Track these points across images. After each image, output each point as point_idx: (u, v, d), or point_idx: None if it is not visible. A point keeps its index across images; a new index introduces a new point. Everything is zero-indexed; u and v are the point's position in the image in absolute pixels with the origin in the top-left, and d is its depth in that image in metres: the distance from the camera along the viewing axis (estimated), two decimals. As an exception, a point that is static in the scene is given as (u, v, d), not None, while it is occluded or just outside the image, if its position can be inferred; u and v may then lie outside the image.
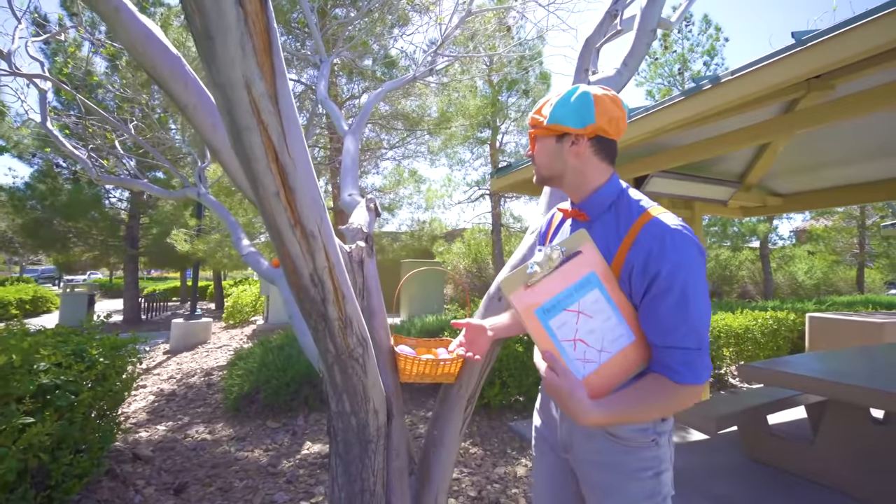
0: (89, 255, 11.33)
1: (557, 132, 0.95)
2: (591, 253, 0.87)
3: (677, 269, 0.82)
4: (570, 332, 0.86)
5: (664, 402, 0.86)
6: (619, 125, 0.94)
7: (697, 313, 0.83)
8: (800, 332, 5.88)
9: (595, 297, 0.86)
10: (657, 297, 0.84)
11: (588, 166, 0.96)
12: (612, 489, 0.98)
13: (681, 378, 0.84)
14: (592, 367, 0.87)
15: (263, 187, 0.82)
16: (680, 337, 0.83)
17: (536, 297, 0.85)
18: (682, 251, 0.83)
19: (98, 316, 2.93)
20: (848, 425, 2.49)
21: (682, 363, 0.84)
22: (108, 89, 4.50)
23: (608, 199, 0.95)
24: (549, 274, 0.86)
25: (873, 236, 14.39)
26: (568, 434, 1.05)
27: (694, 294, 0.82)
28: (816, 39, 1.92)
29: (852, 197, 4.32)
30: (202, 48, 0.70)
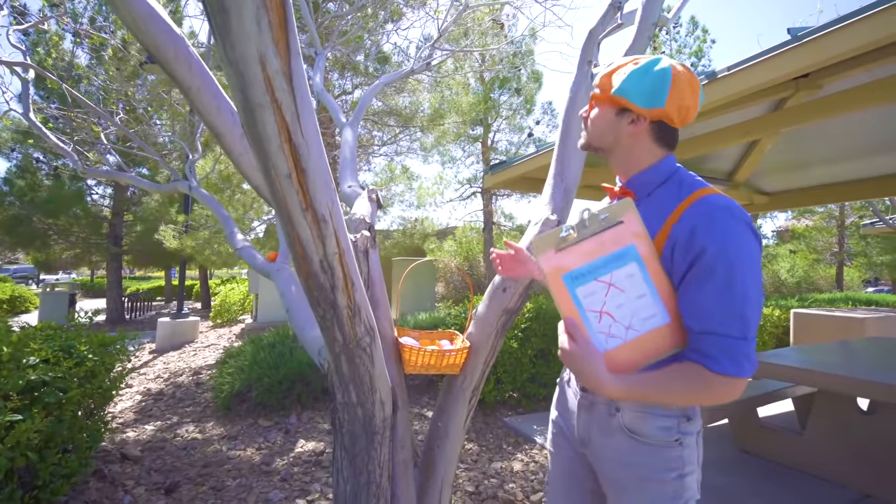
0: (70, 254, 11.02)
1: (620, 105, 0.88)
2: (634, 224, 0.80)
3: (725, 249, 0.75)
4: (597, 304, 0.80)
5: (694, 390, 0.79)
6: (687, 115, 0.87)
7: (744, 299, 0.75)
8: (784, 328, 6.02)
9: (631, 272, 0.80)
10: (700, 276, 0.77)
11: (640, 148, 0.89)
12: (629, 488, 0.92)
13: (719, 367, 0.75)
14: (616, 343, 0.81)
15: (276, 169, 0.80)
16: (721, 322, 0.75)
17: (567, 262, 0.80)
18: (733, 230, 0.76)
19: (86, 313, 2.85)
20: (835, 416, 2.55)
21: (722, 351, 0.75)
22: (92, 82, 4.38)
23: (658, 179, 0.89)
24: (585, 240, 0.80)
25: (852, 236, 14.81)
26: (586, 428, 1.00)
27: (742, 277, 0.75)
28: (811, 35, 1.96)
29: (836, 195, 4.44)
30: (216, 22, 0.68)
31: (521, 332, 3.86)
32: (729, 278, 0.75)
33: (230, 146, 1.14)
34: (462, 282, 11.57)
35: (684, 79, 0.84)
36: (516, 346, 3.77)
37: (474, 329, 1.45)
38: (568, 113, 1.54)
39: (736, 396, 0.78)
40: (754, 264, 0.77)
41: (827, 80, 2.56)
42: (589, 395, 1.00)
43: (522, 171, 3.86)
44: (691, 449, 0.91)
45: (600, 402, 0.96)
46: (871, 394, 2.17)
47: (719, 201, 0.79)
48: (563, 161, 1.52)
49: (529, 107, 11.80)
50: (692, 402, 0.84)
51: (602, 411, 0.96)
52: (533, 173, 3.89)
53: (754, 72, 2.21)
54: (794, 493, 2.42)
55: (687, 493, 0.91)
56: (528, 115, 12.05)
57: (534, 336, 3.90)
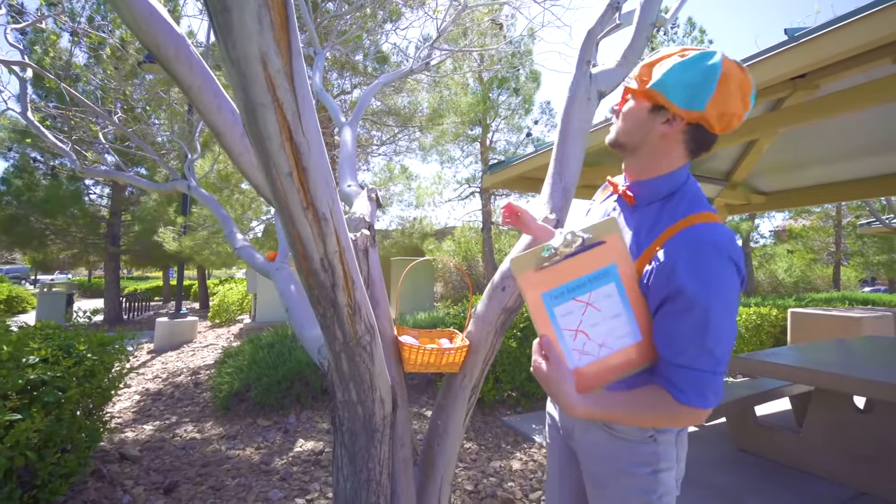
0: (68, 253, 10.99)
1: (655, 101, 0.80)
2: (616, 245, 0.79)
3: (704, 290, 0.73)
4: (573, 323, 0.80)
5: (656, 415, 0.80)
6: (729, 122, 0.79)
7: (717, 338, 0.74)
8: (782, 328, 6.04)
9: (609, 292, 0.79)
10: (676, 313, 0.76)
11: (666, 152, 0.84)
12: (605, 481, 0.96)
13: (685, 399, 0.76)
14: (588, 360, 0.82)
15: (276, 167, 0.80)
16: (692, 357, 0.76)
17: (547, 282, 0.79)
18: (715, 271, 0.74)
19: (84, 313, 2.84)
20: (832, 414, 2.57)
21: (690, 383, 0.76)
22: (90, 81, 4.37)
23: (667, 191, 0.84)
24: (565, 259, 0.79)
25: (849, 235, 14.87)
26: (570, 421, 1.05)
27: (717, 318, 0.74)
28: (807, 36, 1.97)
29: (833, 195, 4.46)
30: (217, 21, 0.68)
31: (520, 332, 3.87)
32: (704, 318, 0.74)
33: (231, 145, 1.15)
34: (461, 281, 11.58)
35: (735, 80, 0.76)
36: (515, 346, 3.78)
37: (473, 328, 1.46)
38: (566, 113, 1.54)
39: (698, 422, 0.80)
40: (731, 303, 0.76)
41: (824, 80, 2.58)
42: None
43: (521, 170, 3.87)
44: (668, 446, 0.91)
45: None
46: (866, 392, 2.18)
47: (706, 236, 0.76)
48: (562, 161, 1.52)
49: (528, 107, 11.82)
50: (655, 425, 0.87)
51: None
52: (531, 173, 3.90)
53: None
54: (791, 491, 2.43)
55: (661, 489, 0.91)
56: (526, 114, 12.07)
57: (533, 335, 3.91)
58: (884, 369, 2.35)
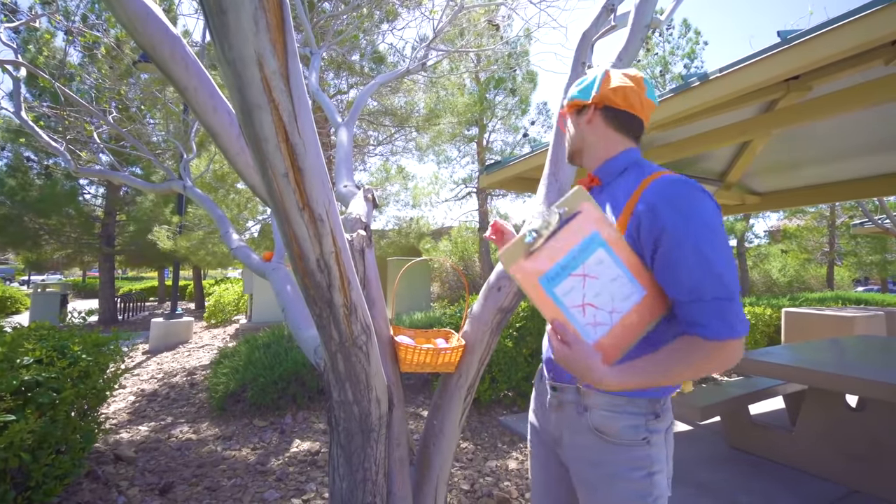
0: (62, 254, 10.91)
1: (576, 107, 1.02)
2: (591, 211, 0.81)
3: (684, 218, 0.78)
4: (577, 298, 0.81)
5: (695, 363, 0.79)
6: (626, 95, 0.93)
7: (717, 259, 0.76)
8: (776, 327, 6.09)
9: (600, 258, 0.81)
10: (671, 250, 0.79)
11: (602, 137, 0.98)
12: (599, 487, 0.93)
13: (713, 333, 0.76)
14: (604, 330, 0.81)
15: (273, 168, 0.81)
16: (704, 288, 0.76)
17: (539, 265, 0.79)
18: (690, 199, 0.79)
19: (79, 314, 2.83)
20: (825, 413, 2.59)
21: (712, 315, 0.76)
22: (84, 80, 4.34)
23: (620, 167, 0.95)
24: (549, 239, 0.80)
25: (842, 236, 14.99)
26: (557, 428, 1.02)
27: (709, 240, 0.77)
28: (799, 39, 2.00)
29: (826, 195, 4.50)
30: (214, 23, 0.69)
31: (516, 332, 3.88)
32: (697, 243, 0.77)
33: (227, 146, 1.15)
34: (457, 281, 11.59)
35: (615, 71, 0.98)
36: (511, 346, 3.79)
37: (469, 328, 1.47)
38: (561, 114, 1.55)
39: (736, 360, 0.78)
40: (716, 226, 0.79)
41: (817, 81, 2.60)
42: (558, 395, 1.01)
43: (517, 171, 3.88)
44: (659, 447, 0.92)
45: (569, 402, 0.98)
46: (859, 391, 2.21)
47: (673, 177, 0.84)
48: (558, 161, 1.53)
49: (524, 107, 11.85)
50: (697, 375, 0.81)
51: (571, 411, 0.97)
52: (528, 173, 3.91)
53: (745, 74, 2.24)
54: (784, 489, 2.45)
55: (656, 492, 0.91)
56: (523, 115, 12.10)
57: (529, 335, 3.92)
58: (876, 368, 2.38)
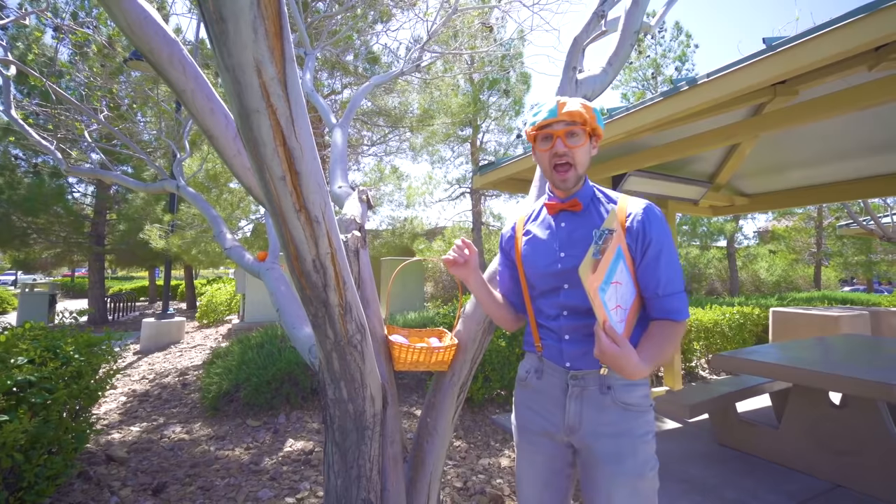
0: (50, 253, 10.76)
1: (596, 134, 1.14)
2: (619, 231, 1.02)
3: (661, 234, 1.06)
4: (613, 302, 0.99)
5: (676, 340, 1.04)
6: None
7: (678, 265, 1.08)
8: (764, 326, 6.19)
9: (621, 268, 1.02)
10: (655, 257, 1.05)
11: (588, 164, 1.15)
12: (625, 455, 1.05)
13: (680, 315, 1.04)
14: (622, 326, 1.01)
15: (270, 171, 0.82)
16: (676, 285, 1.05)
17: (598, 277, 0.96)
18: (660, 219, 1.08)
19: (70, 313, 2.81)
20: (809, 410, 2.66)
21: (681, 303, 1.05)
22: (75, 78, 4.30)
23: (591, 189, 1.16)
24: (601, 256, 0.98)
25: (829, 237, 15.24)
26: (577, 414, 1.10)
27: (674, 251, 1.07)
28: (784, 46, 2.05)
29: (813, 197, 4.59)
30: (213, 31, 0.70)
31: (510, 332, 3.91)
32: (669, 255, 1.06)
33: (223, 148, 1.16)
34: (451, 281, 11.61)
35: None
36: (504, 345, 3.83)
37: (462, 327, 1.49)
38: (553, 117, 1.58)
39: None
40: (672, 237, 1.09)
41: (803, 86, 2.67)
42: (580, 382, 1.11)
43: (510, 172, 3.91)
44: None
45: (591, 387, 1.10)
46: (841, 388, 2.27)
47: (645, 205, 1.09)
48: (549, 164, 1.56)
49: (518, 108, 11.90)
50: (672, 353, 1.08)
51: (594, 393, 1.10)
52: (521, 174, 3.94)
53: (732, 79, 2.29)
54: (770, 484, 2.51)
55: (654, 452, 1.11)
56: (516, 116, 12.15)
57: (521, 334, 3.96)
58: (858, 366, 2.44)
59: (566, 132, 1.08)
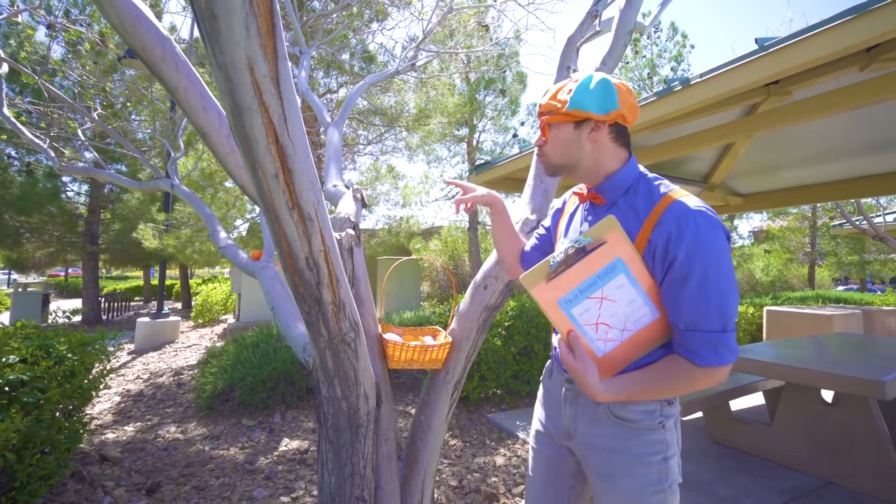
0: (44, 252, 10.68)
1: (577, 118, 0.92)
2: (617, 240, 0.84)
3: (695, 252, 0.80)
4: (592, 318, 0.87)
5: (678, 384, 0.86)
6: (635, 113, 0.94)
7: (720, 296, 0.81)
8: (758, 325, 6.24)
9: (619, 283, 0.85)
10: (677, 281, 0.83)
11: (604, 153, 0.94)
12: (618, 474, 0.95)
13: (702, 361, 0.82)
14: (613, 345, 0.88)
15: (263, 169, 0.82)
16: (702, 319, 0.81)
17: (559, 290, 0.85)
18: (702, 233, 0.81)
19: (63, 313, 2.79)
20: (802, 408, 2.68)
21: (705, 344, 0.82)
22: (68, 76, 4.26)
23: (626, 182, 0.94)
24: (572, 266, 0.84)
25: (823, 236, 15.37)
26: (572, 420, 1.03)
27: (716, 276, 0.80)
28: (776, 46, 2.06)
29: (806, 197, 4.63)
30: (205, 28, 0.70)
31: (505, 330, 3.92)
32: (704, 279, 0.80)
33: (217, 146, 1.16)
34: (447, 281, 11.62)
35: (620, 83, 0.93)
36: (500, 344, 3.84)
37: (457, 325, 1.50)
38: (547, 116, 1.59)
39: (719, 381, 0.84)
40: (726, 262, 0.82)
41: (796, 87, 2.69)
42: (574, 387, 1.03)
43: (506, 171, 3.92)
44: (672, 432, 0.96)
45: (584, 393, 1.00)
46: (833, 386, 2.29)
47: (689, 207, 0.83)
48: (543, 163, 1.57)
49: (514, 108, 11.93)
50: (679, 394, 0.89)
51: (588, 401, 1.00)
52: (516, 174, 3.96)
53: (725, 79, 2.31)
54: (763, 481, 2.53)
55: (671, 476, 0.94)
56: (513, 115, 12.18)
57: (517, 334, 3.97)
58: (849, 364, 2.47)
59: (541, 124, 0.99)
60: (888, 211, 9.41)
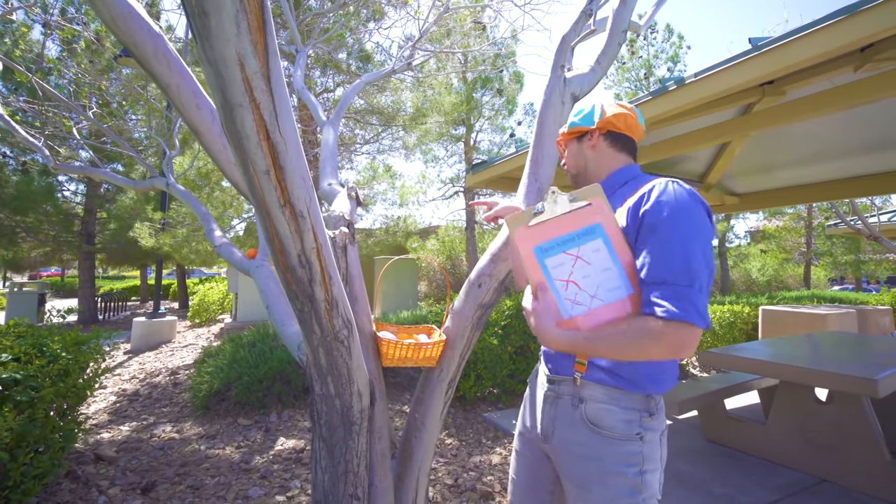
0: (39, 252, 10.63)
1: (577, 133, 1.13)
2: (601, 206, 0.88)
3: (665, 206, 0.84)
4: (564, 273, 0.88)
5: (642, 342, 0.81)
6: (626, 120, 1.07)
7: (689, 251, 0.81)
8: (754, 324, 6.26)
9: (597, 247, 0.87)
10: (647, 234, 0.85)
11: (604, 156, 1.09)
12: (590, 482, 0.94)
13: (668, 313, 0.78)
14: (581, 310, 0.88)
15: (254, 165, 0.83)
16: (669, 271, 0.81)
17: (537, 236, 0.89)
18: (675, 195, 0.85)
19: (58, 312, 2.78)
20: (796, 406, 2.69)
21: (670, 296, 0.79)
22: (63, 74, 4.25)
23: (623, 178, 1.05)
24: (555, 217, 0.89)
25: (819, 236, 15.44)
26: (550, 421, 1.03)
27: (684, 232, 0.82)
28: (769, 46, 2.07)
29: (800, 197, 4.65)
30: (196, 24, 0.70)
31: (502, 329, 3.93)
32: (672, 230, 0.83)
33: (209, 143, 1.16)
34: (444, 280, 11.63)
35: (610, 102, 1.11)
36: (496, 343, 3.84)
37: (451, 323, 1.50)
38: (541, 115, 1.59)
39: (687, 351, 0.79)
40: (698, 222, 0.84)
41: (790, 87, 2.70)
42: (555, 388, 1.04)
43: (502, 170, 3.93)
44: (653, 446, 0.94)
45: (565, 395, 1.01)
46: (826, 384, 2.30)
47: (667, 181, 0.91)
48: (538, 161, 1.57)
49: (511, 108, 11.93)
50: (645, 355, 0.83)
51: (566, 403, 1.00)
52: (512, 173, 3.96)
53: (719, 78, 2.32)
54: (758, 479, 2.55)
55: (647, 492, 0.93)
56: (510, 115, 12.18)
57: (513, 333, 3.98)
58: (843, 363, 2.48)
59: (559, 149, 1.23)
60: (883, 211, 9.47)
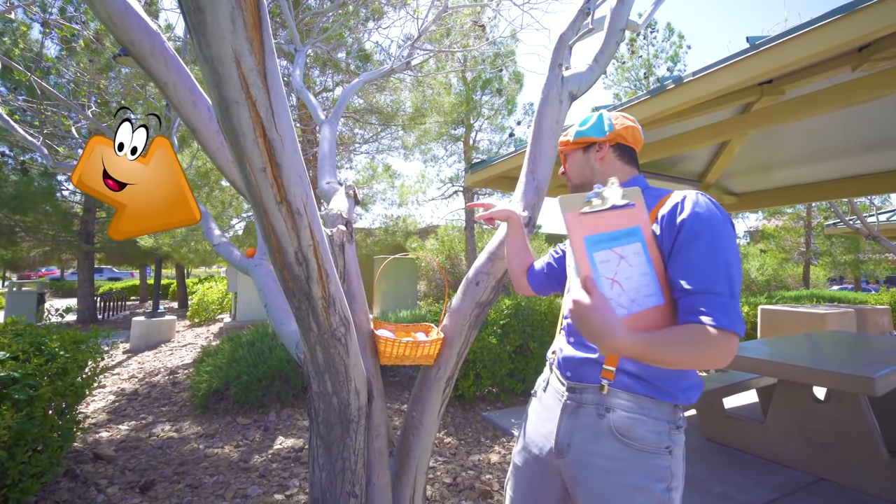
0: (39, 251, 10.62)
1: (584, 144, 1.11)
2: (640, 209, 0.90)
3: (701, 219, 0.86)
4: (610, 271, 0.85)
5: (699, 349, 0.79)
6: (634, 133, 1.09)
7: (726, 262, 0.83)
8: (752, 324, 6.27)
9: (637, 250, 0.87)
10: (687, 242, 0.85)
11: (612, 169, 1.08)
12: (613, 498, 0.88)
13: (717, 322, 0.78)
14: (622, 313, 0.84)
15: (251, 163, 0.83)
16: (712, 280, 0.82)
17: (587, 227, 0.85)
18: (707, 207, 0.87)
19: (56, 310, 2.78)
20: (794, 405, 2.70)
21: (719, 307, 0.80)
22: (62, 74, 4.25)
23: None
24: (605, 210, 0.86)
25: (818, 236, 15.44)
26: (567, 433, 0.97)
27: (721, 244, 0.84)
28: (767, 44, 2.08)
29: (800, 196, 4.65)
30: (191, 21, 0.70)
31: (500, 329, 3.93)
32: (711, 240, 0.84)
33: (207, 141, 1.16)
34: (443, 280, 11.61)
35: (615, 113, 1.12)
36: (495, 342, 3.84)
37: (449, 321, 1.50)
38: (539, 114, 1.60)
39: (730, 358, 0.80)
40: (728, 233, 0.87)
41: (788, 86, 2.70)
42: (576, 396, 0.97)
43: (501, 170, 3.93)
44: (679, 461, 0.90)
45: (589, 404, 0.95)
46: (824, 383, 2.31)
47: (690, 193, 0.92)
48: (535, 160, 1.58)
49: (511, 107, 11.91)
50: (696, 363, 0.81)
51: (590, 413, 0.94)
52: (510, 172, 3.96)
53: (717, 77, 2.32)
54: (756, 478, 2.55)
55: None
56: (509, 115, 12.16)
57: (512, 332, 3.98)
58: (841, 361, 2.48)
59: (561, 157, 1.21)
60: (881, 210, 9.48)
